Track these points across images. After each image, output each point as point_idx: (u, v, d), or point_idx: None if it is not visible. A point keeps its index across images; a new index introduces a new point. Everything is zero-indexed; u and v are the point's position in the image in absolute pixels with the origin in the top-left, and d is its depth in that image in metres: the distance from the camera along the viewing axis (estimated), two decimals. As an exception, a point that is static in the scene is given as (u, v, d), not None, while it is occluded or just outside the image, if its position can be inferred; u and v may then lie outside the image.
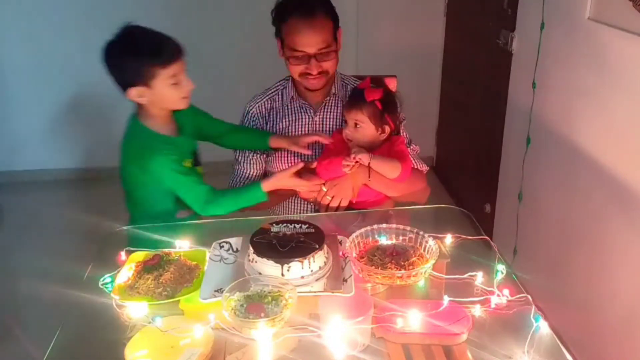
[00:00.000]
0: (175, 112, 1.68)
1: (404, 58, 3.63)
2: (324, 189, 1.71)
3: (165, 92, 1.59)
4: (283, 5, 1.76)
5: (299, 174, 1.68)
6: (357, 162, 1.65)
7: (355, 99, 1.71)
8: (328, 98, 1.88)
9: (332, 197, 1.71)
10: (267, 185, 1.66)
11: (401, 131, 1.85)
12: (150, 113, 1.64)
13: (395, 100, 1.74)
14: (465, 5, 3.40)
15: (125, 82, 1.58)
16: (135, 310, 1.21)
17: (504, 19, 2.69)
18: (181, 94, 1.62)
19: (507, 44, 2.66)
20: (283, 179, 1.66)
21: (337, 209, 1.73)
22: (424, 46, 3.72)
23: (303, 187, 1.71)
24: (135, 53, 1.56)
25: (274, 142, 1.81)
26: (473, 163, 3.35)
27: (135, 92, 1.58)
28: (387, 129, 1.73)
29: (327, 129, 1.88)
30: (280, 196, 1.81)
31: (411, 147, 1.88)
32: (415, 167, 1.85)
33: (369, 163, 1.65)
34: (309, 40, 1.71)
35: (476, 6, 3.19)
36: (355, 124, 1.70)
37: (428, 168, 1.94)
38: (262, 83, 1.98)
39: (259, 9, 3.46)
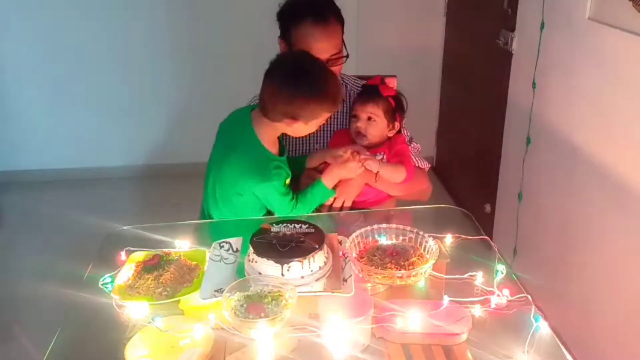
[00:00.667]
0: None
1: (404, 58, 3.63)
2: None
3: (308, 130, 1.60)
4: (293, 8, 1.73)
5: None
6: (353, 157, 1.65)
7: (370, 93, 1.72)
8: (328, 98, 1.87)
9: (335, 198, 1.71)
10: (328, 182, 1.66)
11: (402, 130, 1.85)
12: (268, 131, 1.61)
13: (402, 100, 1.76)
14: (465, 5, 3.40)
15: (286, 113, 1.55)
16: (135, 310, 1.20)
17: (504, 19, 2.69)
18: (313, 130, 1.63)
19: (507, 44, 2.66)
20: (339, 169, 1.65)
21: (341, 209, 1.73)
22: (424, 46, 3.72)
23: (359, 168, 1.66)
24: (322, 95, 1.53)
25: (312, 162, 1.77)
26: (473, 163, 3.35)
27: (290, 123, 1.56)
28: (397, 125, 1.74)
29: (327, 128, 1.88)
30: None
31: (412, 145, 1.88)
32: (417, 165, 1.85)
33: (377, 171, 1.65)
34: (323, 47, 1.69)
35: (476, 6, 3.19)
36: (369, 118, 1.70)
37: (430, 165, 1.94)
38: (260, 83, 1.98)
39: (258, 7, 3.49)
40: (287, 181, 1.66)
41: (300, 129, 1.60)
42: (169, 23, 3.65)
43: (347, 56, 1.78)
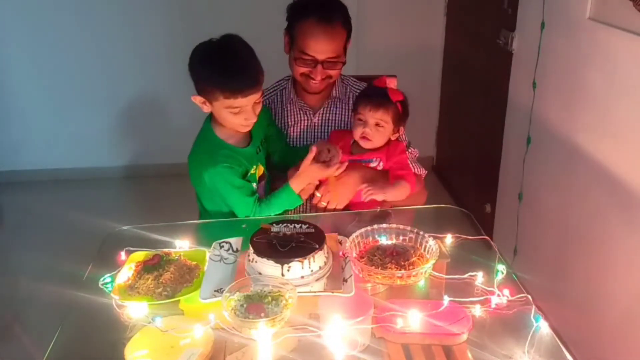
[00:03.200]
0: None
1: (404, 58, 3.63)
2: (318, 194, 1.71)
3: (223, 115, 1.59)
4: (303, 4, 1.74)
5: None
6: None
7: (379, 99, 1.68)
8: (328, 100, 1.87)
9: (328, 202, 1.71)
10: (296, 186, 1.65)
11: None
12: (219, 120, 1.63)
13: (408, 105, 1.75)
14: (465, 5, 3.40)
15: (196, 86, 1.59)
16: (135, 310, 1.21)
17: (504, 18, 2.69)
18: (240, 121, 1.60)
19: (507, 44, 2.66)
20: (308, 171, 1.63)
21: (334, 210, 1.72)
22: (424, 46, 3.72)
23: (329, 172, 1.65)
24: (209, 70, 1.54)
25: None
26: (473, 163, 3.35)
27: (198, 100, 1.59)
28: (401, 130, 1.74)
29: (327, 130, 1.88)
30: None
31: (410, 151, 1.87)
32: (414, 172, 1.84)
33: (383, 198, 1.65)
34: (321, 47, 1.70)
35: (476, 6, 3.19)
36: (378, 124, 1.69)
37: (426, 172, 1.92)
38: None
39: (255, 10, 3.49)
40: (254, 170, 1.66)
41: (217, 113, 1.59)
42: (168, 25, 3.65)
43: (344, 63, 1.78)
